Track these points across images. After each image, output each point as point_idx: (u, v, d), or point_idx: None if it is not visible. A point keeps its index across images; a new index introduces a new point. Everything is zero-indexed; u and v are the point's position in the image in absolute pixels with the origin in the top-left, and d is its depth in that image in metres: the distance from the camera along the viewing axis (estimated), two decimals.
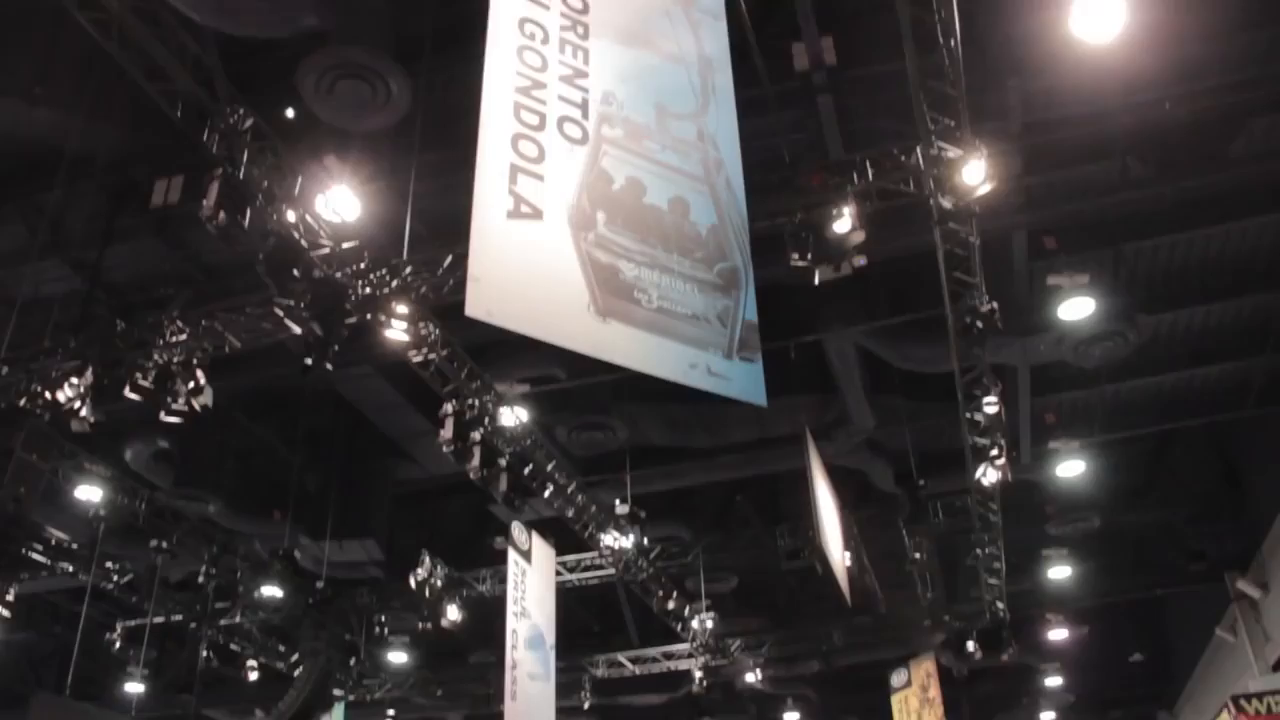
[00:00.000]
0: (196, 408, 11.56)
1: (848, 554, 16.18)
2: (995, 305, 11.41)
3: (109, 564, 17.50)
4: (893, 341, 13.80)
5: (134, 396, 11.51)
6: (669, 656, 20.96)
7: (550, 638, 14.62)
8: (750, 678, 21.39)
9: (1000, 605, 18.82)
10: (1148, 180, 11.46)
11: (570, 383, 14.42)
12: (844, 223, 9.99)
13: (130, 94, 9.93)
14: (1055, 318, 12.82)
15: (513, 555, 14.11)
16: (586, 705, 21.75)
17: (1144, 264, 13.64)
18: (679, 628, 19.24)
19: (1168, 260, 13.65)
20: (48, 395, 11.79)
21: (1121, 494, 17.91)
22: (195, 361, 11.62)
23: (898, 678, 21.22)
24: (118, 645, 19.33)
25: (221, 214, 9.29)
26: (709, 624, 18.81)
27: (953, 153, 9.75)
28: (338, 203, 9.88)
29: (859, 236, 10.02)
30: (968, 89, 9.36)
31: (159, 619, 18.82)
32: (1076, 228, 12.54)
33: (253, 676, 20.50)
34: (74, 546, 16.64)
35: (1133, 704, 28.57)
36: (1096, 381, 14.88)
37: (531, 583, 14.38)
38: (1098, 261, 12.82)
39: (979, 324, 11.48)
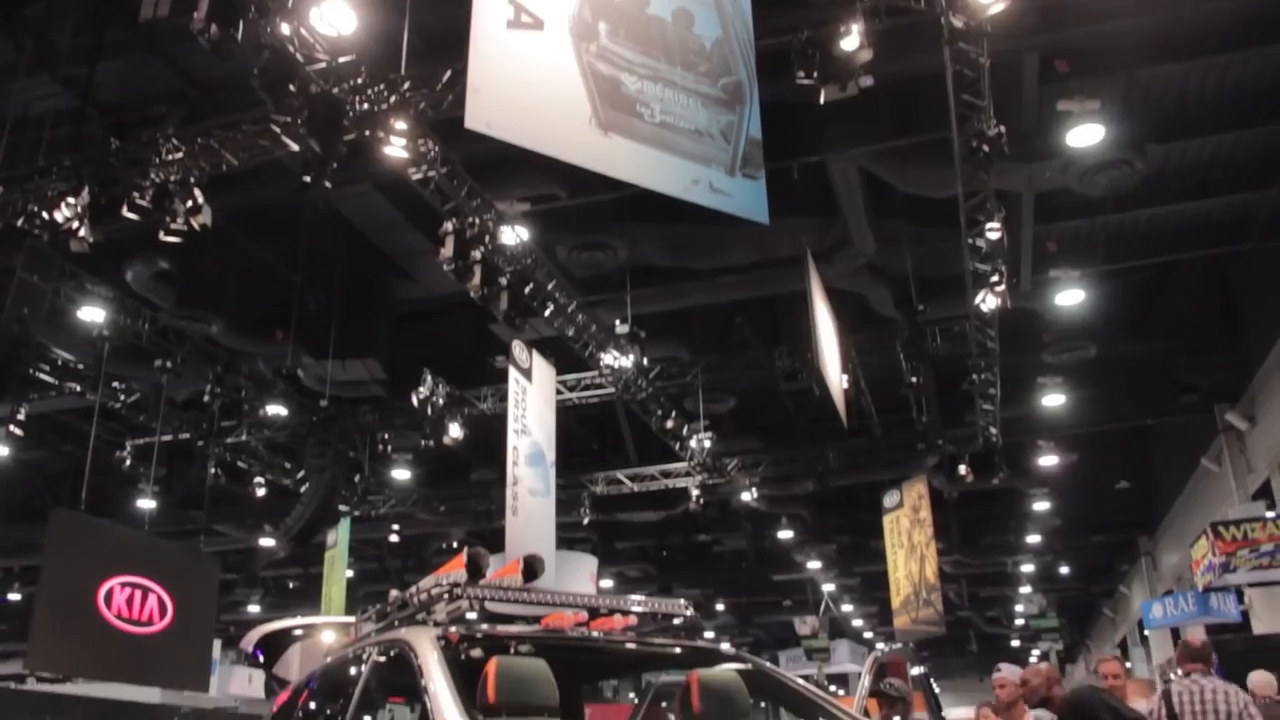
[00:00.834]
0: (195, 227, 11.51)
1: (845, 377, 16.36)
2: (1003, 129, 11.23)
3: (115, 384, 17.73)
4: (897, 164, 13.65)
5: (132, 216, 11.44)
6: (667, 475, 21.41)
7: (550, 455, 14.89)
8: (746, 496, 21.91)
9: (993, 431, 19.13)
10: (1164, 4, 11.16)
11: (571, 201, 14.30)
12: (852, 40, 9.76)
13: None
14: (1063, 144, 12.66)
15: (513, 373, 14.24)
16: (586, 521, 22.32)
17: (1156, 91, 13.32)
18: (677, 447, 19.58)
19: (1181, 88, 13.32)
20: (45, 215, 11.74)
21: (1118, 324, 17.99)
22: (192, 180, 11.53)
23: (890, 499, 21.70)
24: (128, 463, 19.75)
25: (213, 27, 9.02)
26: (707, 443, 19.14)
27: None
28: (333, 15, 9.60)
29: (866, 55, 9.81)
30: None
31: (166, 438, 19.17)
32: (1090, 52, 12.22)
33: (260, 493, 21.00)
34: (80, 367, 16.82)
35: (1116, 529, 29.40)
36: (1100, 211, 14.76)
37: (532, 400, 14.56)
38: (1109, 87, 12.54)
39: (985, 148, 11.33)
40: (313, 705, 5.79)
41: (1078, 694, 6.34)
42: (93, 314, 15.07)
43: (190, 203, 11.37)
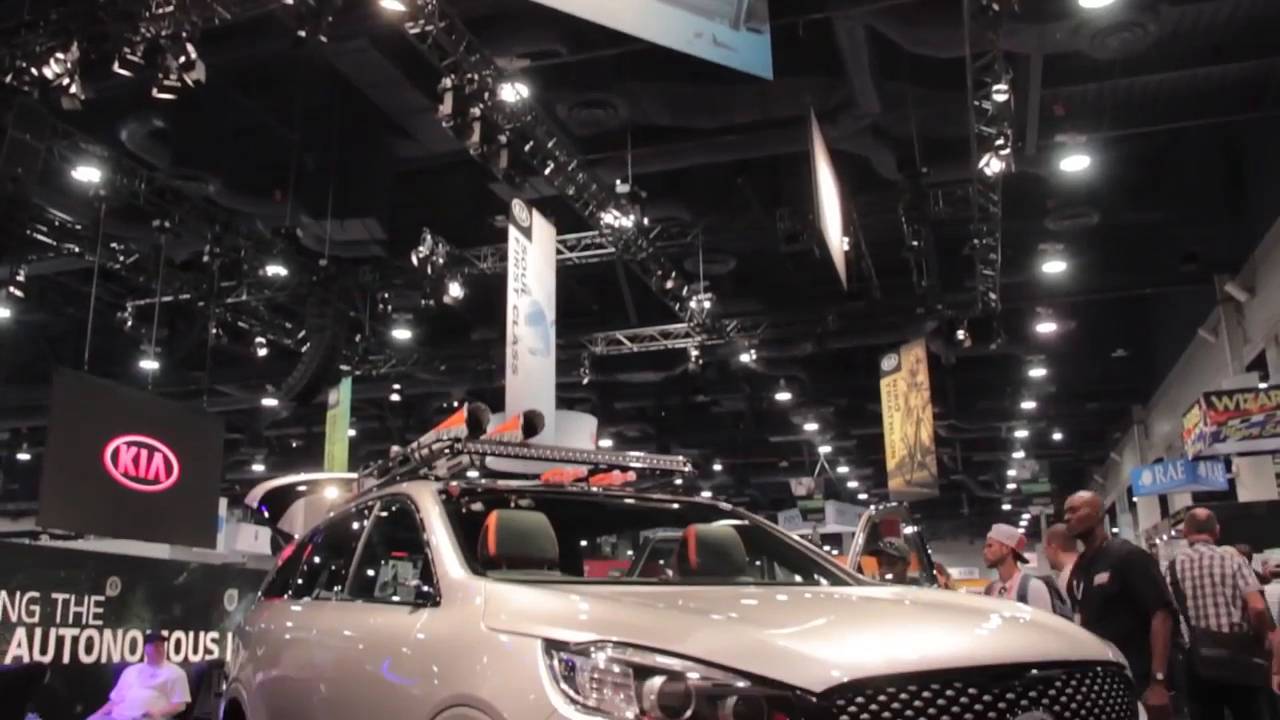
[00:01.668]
0: (189, 84, 11.29)
1: (846, 239, 16.29)
2: None
3: (114, 245, 17.65)
4: (905, 22, 13.33)
5: (124, 73, 11.24)
6: (666, 335, 21.48)
7: (550, 314, 14.93)
8: (745, 358, 22.01)
9: (992, 296, 19.12)
10: None
11: (571, 58, 14.04)
12: None
13: None
14: (1075, 4, 12.34)
15: (513, 232, 14.19)
16: (585, 381, 22.47)
17: None
18: (677, 307, 19.61)
19: None
20: (34, 72, 11.52)
21: (1122, 191, 17.81)
22: (185, 35, 11.25)
23: (888, 362, 21.81)
24: (129, 324, 19.78)
25: None
26: (706, 304, 19.16)
27: None
28: None
29: None
30: None
31: (167, 298, 19.19)
32: None
33: (261, 353, 21.09)
34: (78, 228, 16.73)
35: (1110, 397, 29.64)
36: (1109, 75, 14.50)
37: (532, 260, 14.54)
38: None
39: (995, 6, 11.08)
40: (317, 559, 5.92)
41: (1134, 551, 6.32)
42: (88, 174, 14.93)
43: (183, 59, 11.13)
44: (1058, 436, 33.35)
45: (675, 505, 5.56)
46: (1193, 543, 7.35)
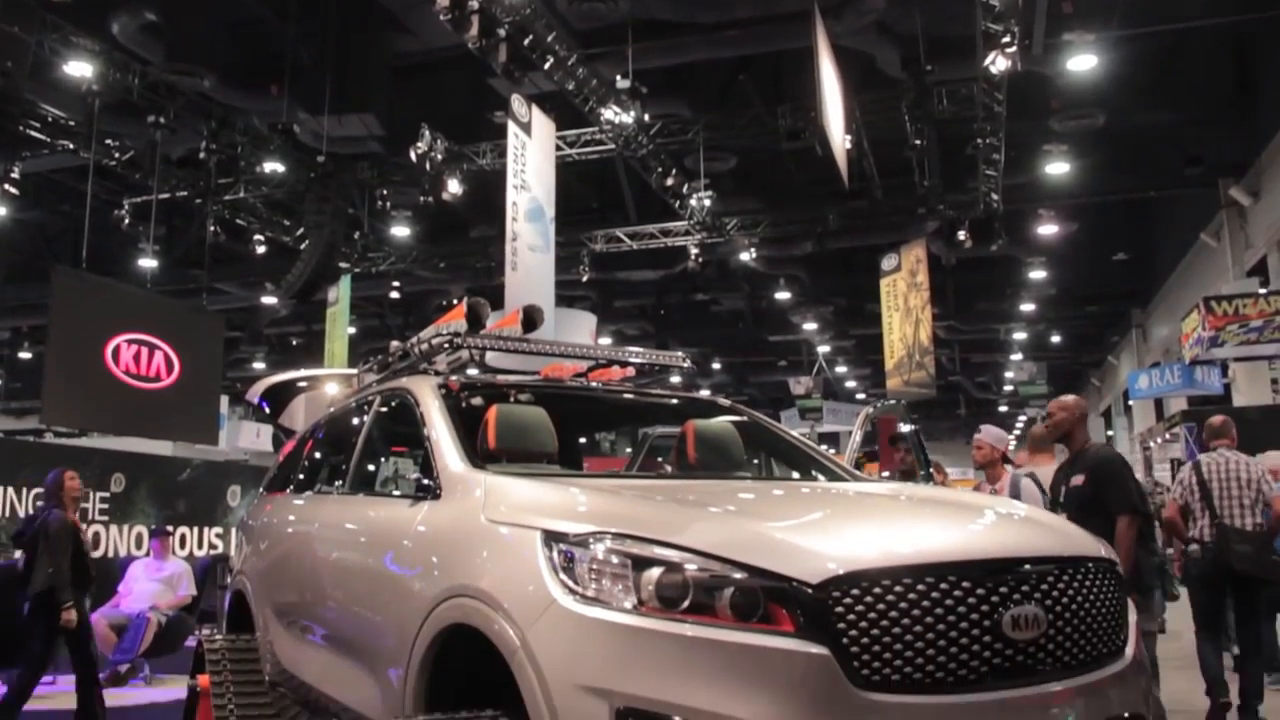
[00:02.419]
0: None
1: (848, 137, 16.14)
2: None
3: (108, 141, 17.50)
4: None
5: None
6: (666, 233, 21.40)
7: (550, 211, 14.86)
8: (745, 257, 21.98)
9: (995, 197, 18.99)
10: None
11: None
12: None
13: None
14: None
15: (512, 128, 14.05)
16: (585, 279, 22.45)
17: None
18: (677, 205, 19.51)
19: None
20: None
21: (1129, 92, 17.56)
22: None
23: (888, 262, 21.76)
24: (126, 222, 19.71)
25: None
26: (706, 202, 19.06)
27: None
28: None
29: None
30: None
31: (164, 195, 19.07)
32: None
33: (260, 250, 21.04)
34: (71, 124, 16.55)
35: (1109, 300, 29.63)
36: None
37: (531, 156, 14.42)
38: None
39: None
40: (317, 454, 5.96)
41: (1111, 454, 6.54)
42: (80, 69, 14.71)
43: None
44: (1056, 339, 33.39)
45: (674, 400, 5.58)
46: (1215, 447, 7.78)
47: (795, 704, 2.64)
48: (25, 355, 32.78)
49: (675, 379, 5.92)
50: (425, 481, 4.01)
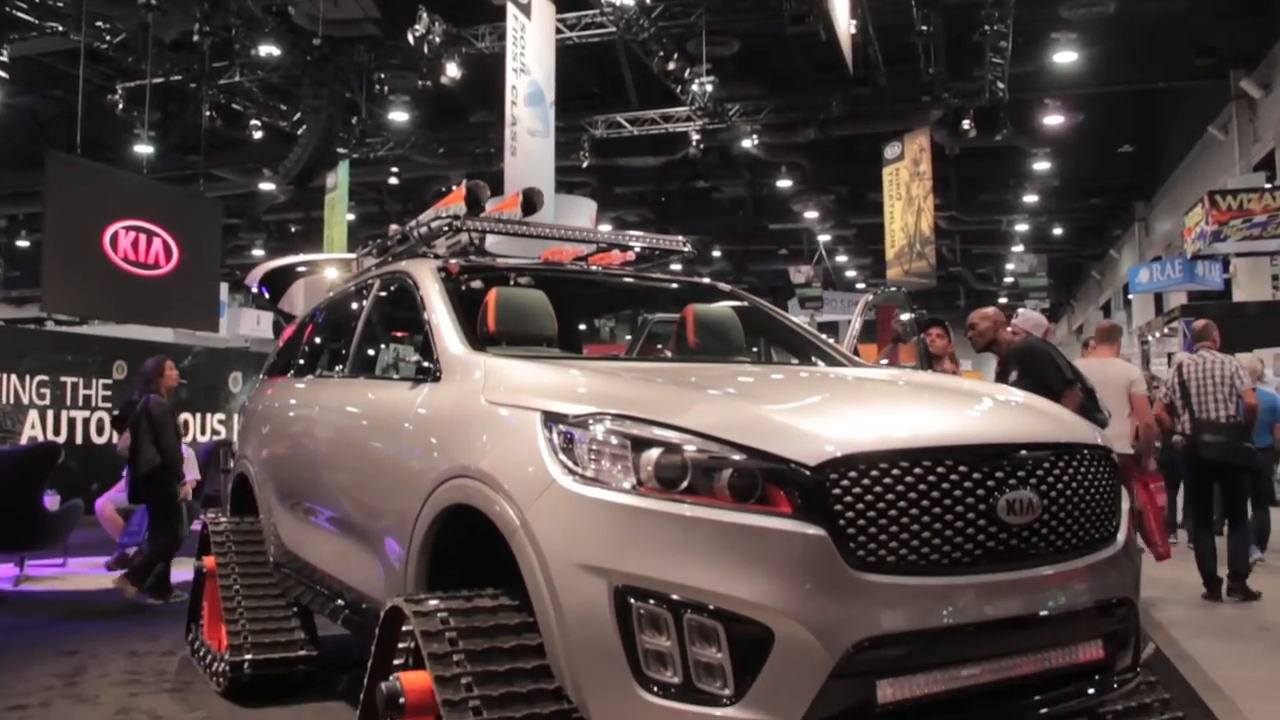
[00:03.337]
0: None
1: (853, 22, 15.85)
2: None
3: (99, 24, 17.14)
4: None
5: None
6: (667, 119, 21.14)
7: (550, 95, 14.67)
8: (746, 143, 21.76)
9: (1000, 85, 18.70)
10: None
11: None
12: None
13: None
14: None
15: (511, 10, 13.83)
16: (585, 165, 22.24)
17: None
18: (678, 91, 19.24)
19: None
20: None
21: None
22: None
23: (891, 150, 21.56)
24: (120, 107, 19.44)
25: None
26: (708, 88, 18.78)
27: None
28: None
29: None
30: None
31: (158, 80, 18.76)
32: None
33: (257, 136, 20.81)
34: (59, 5, 16.22)
35: (1113, 193, 29.39)
36: None
37: (531, 39, 14.19)
38: None
39: None
40: (317, 339, 5.96)
41: (1029, 343, 6.85)
42: None
43: None
44: (1058, 231, 33.21)
45: (674, 285, 5.56)
46: (1198, 349, 8.42)
47: (791, 583, 2.67)
48: (23, 244, 32.64)
49: (676, 266, 5.90)
50: (425, 364, 4.01)
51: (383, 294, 4.94)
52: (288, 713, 5.14)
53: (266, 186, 24.43)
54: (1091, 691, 3.10)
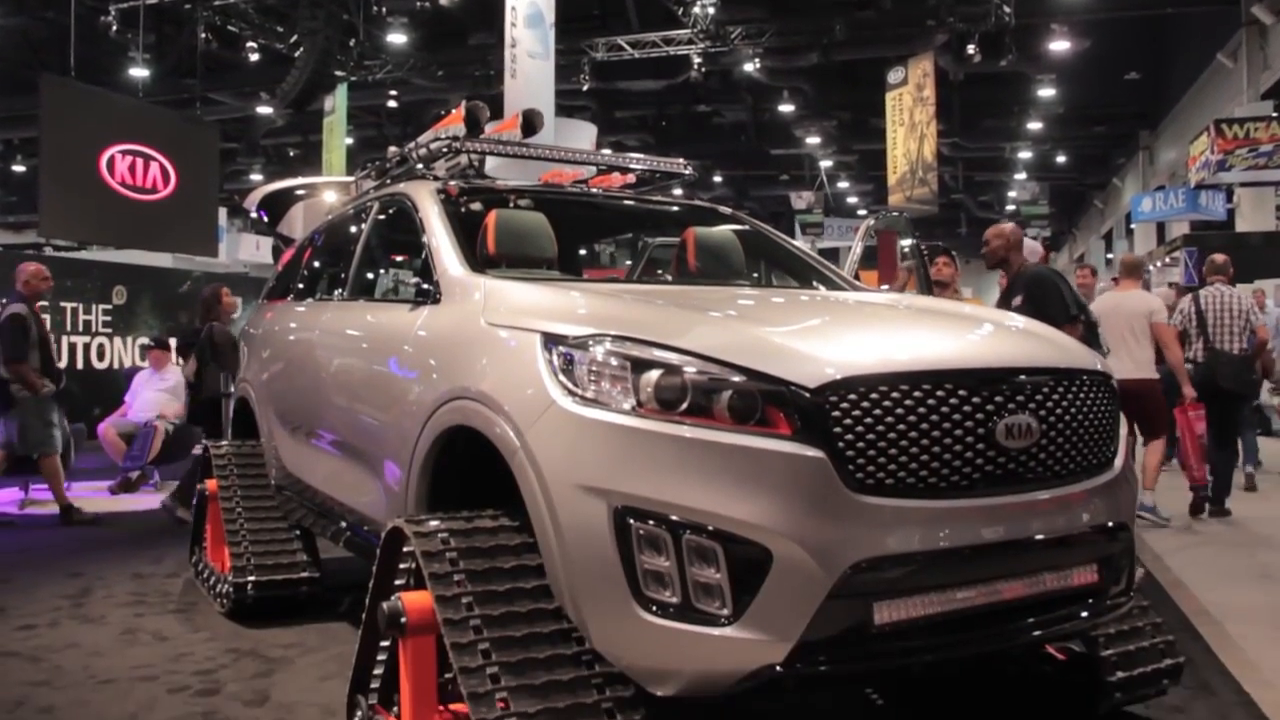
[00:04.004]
0: None
1: None
2: None
3: None
4: None
5: None
6: (669, 42, 20.89)
7: (550, 16, 14.47)
8: (748, 67, 21.53)
9: (1006, 10, 18.46)
10: None
11: None
12: None
13: None
14: None
15: None
16: (585, 88, 22.03)
17: None
18: (680, 13, 19.01)
19: None
20: None
21: None
22: None
23: (894, 75, 21.35)
24: (114, 29, 19.16)
25: None
26: (710, 10, 18.57)
27: None
28: None
29: None
30: None
31: (152, 1, 18.51)
32: None
33: (254, 58, 20.58)
34: None
35: (1118, 121, 29.14)
36: None
37: None
38: None
39: None
40: (317, 262, 5.94)
41: (1039, 271, 6.95)
42: None
43: None
44: (1061, 159, 32.99)
45: (675, 208, 5.52)
46: (1213, 283, 8.86)
47: (790, 505, 2.67)
48: (20, 169, 32.40)
49: (676, 191, 5.85)
50: (425, 286, 4.00)
51: (382, 217, 4.91)
52: (291, 633, 5.19)
53: (264, 110, 24.21)
54: (1085, 615, 3.13)
